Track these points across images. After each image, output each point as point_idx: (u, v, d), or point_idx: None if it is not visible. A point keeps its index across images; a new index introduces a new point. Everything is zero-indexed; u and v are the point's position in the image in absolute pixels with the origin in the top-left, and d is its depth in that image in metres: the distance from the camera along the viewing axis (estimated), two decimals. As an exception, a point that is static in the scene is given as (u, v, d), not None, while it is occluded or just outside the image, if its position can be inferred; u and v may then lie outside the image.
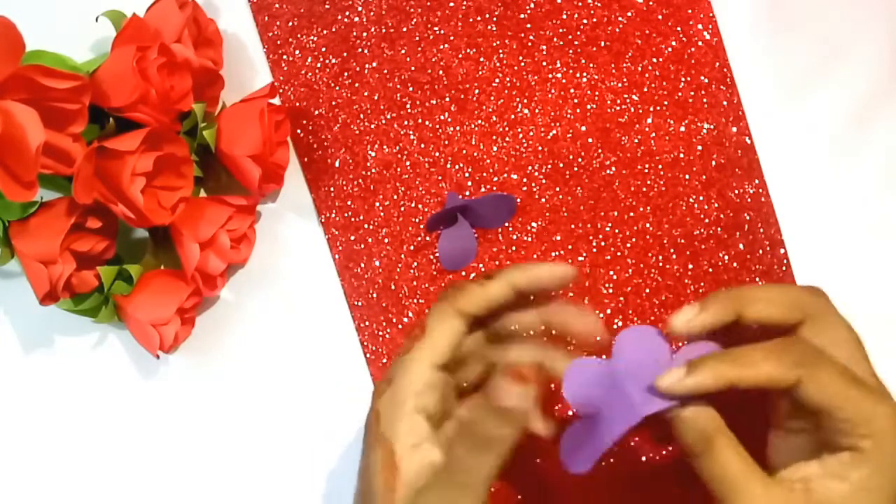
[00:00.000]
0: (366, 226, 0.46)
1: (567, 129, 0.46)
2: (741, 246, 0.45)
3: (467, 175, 0.46)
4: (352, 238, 0.46)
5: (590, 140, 0.46)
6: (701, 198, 0.45)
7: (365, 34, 0.47)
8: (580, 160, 0.46)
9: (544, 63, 0.46)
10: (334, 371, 0.46)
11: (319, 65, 0.47)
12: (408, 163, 0.46)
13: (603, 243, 0.45)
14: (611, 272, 0.45)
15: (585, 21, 0.46)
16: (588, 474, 0.36)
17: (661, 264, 0.45)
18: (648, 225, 0.45)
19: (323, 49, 0.48)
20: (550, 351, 0.36)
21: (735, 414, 0.32)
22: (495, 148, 0.46)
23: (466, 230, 0.45)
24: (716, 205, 0.45)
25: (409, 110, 0.47)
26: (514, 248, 0.45)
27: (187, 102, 0.42)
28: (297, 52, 0.48)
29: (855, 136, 0.45)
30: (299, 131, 0.47)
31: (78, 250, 0.41)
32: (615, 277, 0.45)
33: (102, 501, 0.46)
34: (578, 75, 0.46)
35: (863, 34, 0.46)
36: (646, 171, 0.45)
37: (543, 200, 0.46)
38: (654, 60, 0.46)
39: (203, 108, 0.43)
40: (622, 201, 0.45)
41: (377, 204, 0.46)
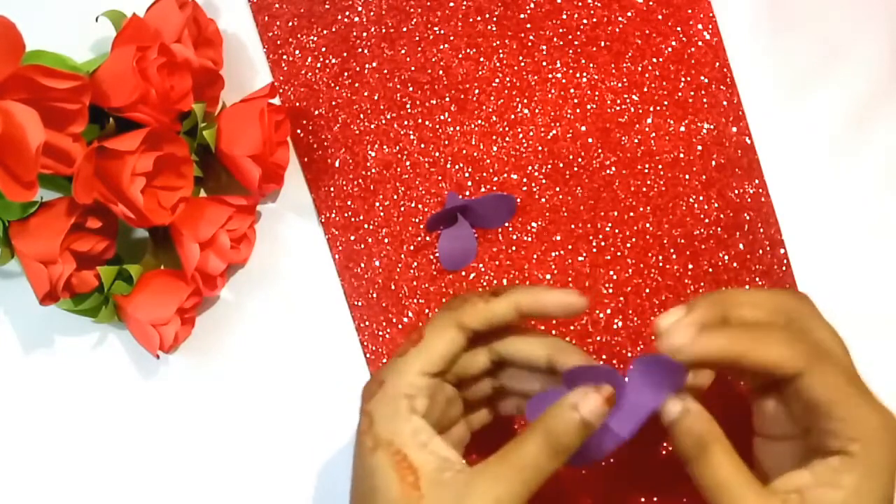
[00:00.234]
0: (366, 226, 0.46)
1: (567, 129, 0.46)
2: (741, 246, 0.45)
3: (467, 175, 0.46)
4: (352, 238, 0.46)
5: (590, 140, 0.46)
6: (701, 198, 0.45)
7: (365, 34, 0.47)
8: (580, 160, 0.46)
9: (544, 63, 0.46)
10: (334, 371, 0.46)
11: (319, 65, 0.47)
12: (408, 163, 0.46)
13: (603, 243, 0.45)
14: (611, 272, 0.45)
15: (585, 21, 0.46)
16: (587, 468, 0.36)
17: (661, 264, 0.45)
18: (648, 225, 0.45)
19: (323, 49, 0.48)
20: (560, 343, 0.36)
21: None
22: (495, 148, 0.46)
23: (466, 230, 0.45)
24: (716, 205, 0.45)
25: (409, 110, 0.47)
26: (514, 248, 0.45)
27: (187, 102, 0.42)
28: (297, 52, 0.48)
29: (855, 136, 0.45)
30: (299, 131, 0.47)
31: (78, 250, 0.41)
32: (615, 277, 0.45)
33: (102, 501, 0.46)
34: (578, 75, 0.46)
35: (863, 34, 0.46)
36: (646, 171, 0.45)
37: (543, 200, 0.46)
38: (654, 60, 0.46)
39: (203, 108, 0.43)
40: (622, 201, 0.45)
41: (377, 204, 0.46)
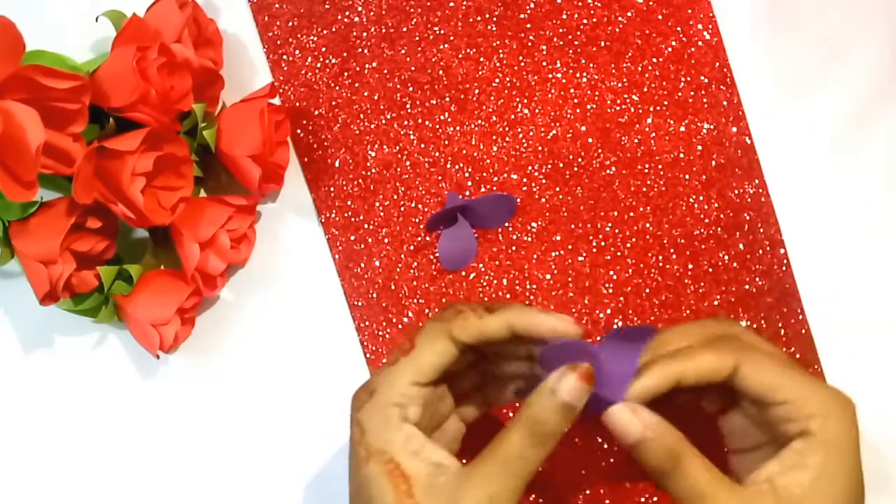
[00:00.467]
0: (366, 226, 0.46)
1: (567, 129, 0.46)
2: (741, 246, 0.45)
3: (467, 175, 0.46)
4: (352, 238, 0.46)
5: (590, 140, 0.46)
6: (701, 198, 0.45)
7: (365, 34, 0.47)
8: (580, 160, 0.46)
9: (544, 63, 0.46)
10: (334, 371, 0.46)
11: (319, 65, 0.47)
12: (408, 163, 0.46)
13: (603, 243, 0.45)
14: (611, 272, 0.45)
15: (585, 21, 0.46)
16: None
17: (661, 264, 0.45)
18: (648, 225, 0.45)
19: (323, 49, 0.48)
20: (522, 310, 0.36)
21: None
22: (495, 148, 0.46)
23: (466, 230, 0.45)
24: (716, 205, 0.45)
25: (409, 110, 0.47)
26: (514, 248, 0.45)
27: (187, 102, 0.42)
28: (297, 52, 0.48)
29: (855, 136, 0.45)
30: (299, 131, 0.47)
31: (78, 250, 0.41)
32: (615, 277, 0.45)
33: (102, 501, 0.46)
34: (578, 75, 0.46)
35: (863, 34, 0.46)
36: (646, 171, 0.45)
37: (543, 200, 0.46)
38: (654, 60, 0.46)
39: (203, 108, 0.43)
40: (622, 201, 0.45)
41: (377, 204, 0.46)
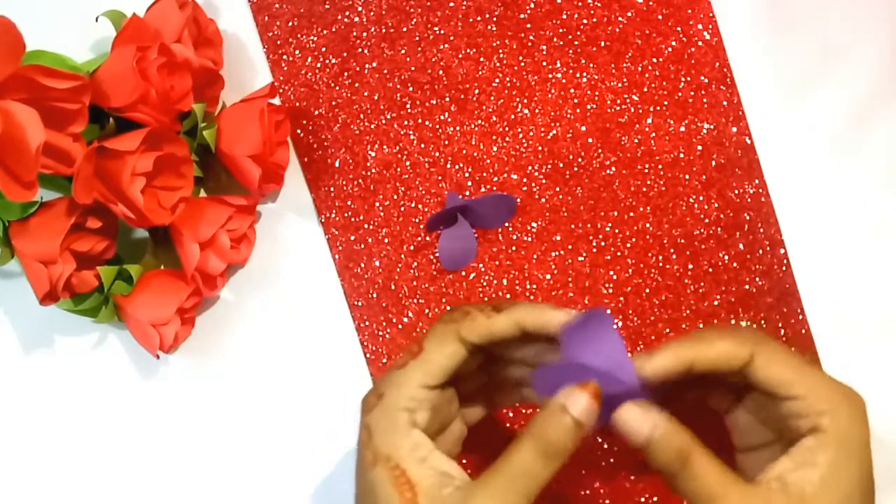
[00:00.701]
0: (366, 226, 0.46)
1: (567, 129, 0.46)
2: (741, 246, 0.45)
3: (467, 175, 0.46)
4: (352, 238, 0.46)
5: (590, 140, 0.46)
6: (701, 198, 0.45)
7: (365, 34, 0.47)
8: (580, 160, 0.46)
9: (544, 63, 0.46)
10: (334, 371, 0.46)
11: (319, 65, 0.47)
12: (408, 163, 0.46)
13: (603, 243, 0.45)
14: (611, 272, 0.45)
15: (585, 21, 0.46)
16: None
17: (661, 264, 0.45)
18: (648, 225, 0.45)
19: (323, 49, 0.48)
20: (531, 307, 0.35)
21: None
22: (495, 148, 0.46)
23: (466, 230, 0.45)
24: (716, 205, 0.45)
25: (409, 110, 0.47)
26: (514, 248, 0.45)
27: (187, 102, 0.42)
28: (297, 52, 0.48)
29: (855, 136, 0.45)
30: (299, 131, 0.47)
31: (78, 250, 0.41)
32: (615, 277, 0.45)
33: (102, 501, 0.46)
34: (578, 75, 0.46)
35: (863, 34, 0.46)
36: (646, 171, 0.45)
37: (543, 200, 0.46)
38: (654, 60, 0.46)
39: (203, 108, 0.43)
40: (622, 201, 0.45)
41: (377, 204, 0.46)
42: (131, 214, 0.39)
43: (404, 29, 0.47)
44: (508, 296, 0.45)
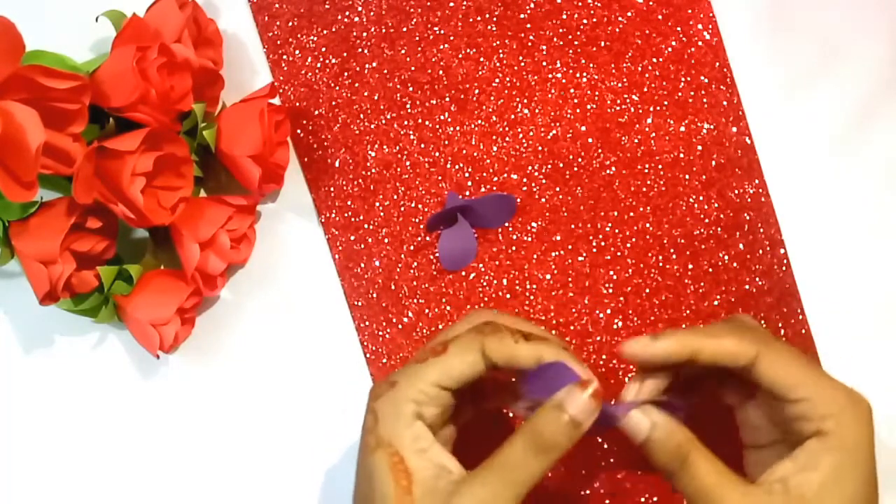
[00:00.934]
0: (366, 226, 0.46)
1: (567, 129, 0.46)
2: (741, 246, 0.45)
3: (467, 175, 0.46)
4: (352, 238, 0.46)
5: (590, 140, 0.46)
6: (701, 198, 0.45)
7: (365, 34, 0.47)
8: (580, 160, 0.46)
9: (544, 63, 0.46)
10: (334, 371, 0.46)
11: (319, 65, 0.47)
12: (408, 163, 0.46)
13: (603, 243, 0.45)
14: (611, 272, 0.45)
15: (585, 21, 0.46)
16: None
17: (661, 264, 0.45)
18: (648, 225, 0.45)
19: (323, 49, 0.48)
20: (557, 350, 0.36)
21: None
22: (495, 148, 0.46)
23: (466, 230, 0.45)
24: (716, 205, 0.45)
25: (409, 110, 0.47)
26: (514, 248, 0.45)
27: (187, 102, 0.42)
28: (297, 52, 0.48)
29: (855, 136, 0.45)
30: (299, 131, 0.47)
31: (78, 250, 0.41)
32: (615, 277, 0.45)
33: (102, 501, 0.46)
34: (578, 75, 0.46)
35: (863, 34, 0.46)
36: (646, 171, 0.45)
37: (543, 200, 0.46)
38: (654, 60, 0.46)
39: (203, 108, 0.43)
40: (622, 201, 0.45)
41: (377, 204, 0.46)
42: (131, 214, 0.39)
43: (404, 29, 0.47)
44: (508, 296, 0.45)
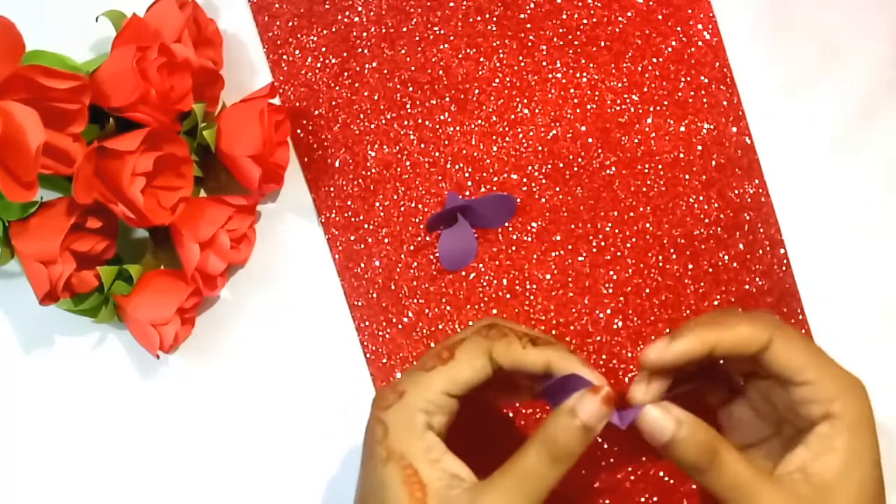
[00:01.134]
0: (366, 226, 0.46)
1: (567, 129, 0.46)
2: (741, 246, 0.45)
3: (467, 175, 0.46)
4: (352, 238, 0.46)
5: (590, 140, 0.46)
6: (701, 198, 0.45)
7: (365, 34, 0.47)
8: (580, 160, 0.46)
9: (544, 63, 0.46)
10: (334, 371, 0.46)
11: (319, 65, 0.47)
12: (408, 163, 0.46)
13: (603, 243, 0.45)
14: (611, 272, 0.45)
15: (585, 21, 0.46)
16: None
17: (661, 264, 0.45)
18: (648, 225, 0.45)
19: (323, 49, 0.48)
20: (565, 354, 0.36)
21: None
22: (495, 148, 0.46)
23: (466, 230, 0.45)
24: (716, 205, 0.45)
25: (409, 110, 0.47)
26: (514, 248, 0.45)
27: (187, 102, 0.42)
28: (297, 52, 0.48)
29: (855, 136, 0.45)
30: (299, 131, 0.47)
31: (78, 250, 0.41)
32: (615, 277, 0.45)
33: (102, 501, 0.46)
34: (578, 75, 0.46)
35: (863, 34, 0.46)
36: (646, 171, 0.45)
37: (543, 200, 0.46)
38: (654, 60, 0.46)
39: (203, 108, 0.43)
40: (622, 201, 0.45)
41: (377, 204, 0.46)
42: (131, 214, 0.39)
43: (404, 29, 0.47)
44: (508, 296, 0.45)
